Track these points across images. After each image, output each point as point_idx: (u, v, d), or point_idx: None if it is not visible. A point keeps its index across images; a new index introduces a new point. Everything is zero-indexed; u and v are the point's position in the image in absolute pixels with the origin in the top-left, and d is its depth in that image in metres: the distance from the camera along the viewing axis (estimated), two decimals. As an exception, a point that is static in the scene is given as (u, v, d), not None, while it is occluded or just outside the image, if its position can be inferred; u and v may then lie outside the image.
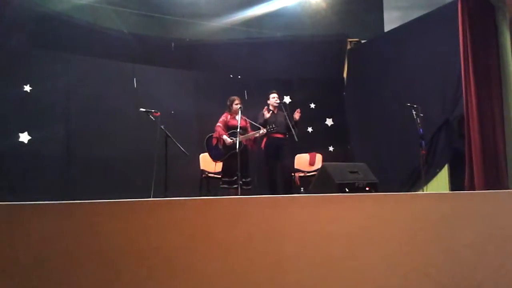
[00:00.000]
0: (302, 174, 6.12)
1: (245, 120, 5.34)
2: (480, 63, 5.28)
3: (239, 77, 6.99)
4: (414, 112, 5.10)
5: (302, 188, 5.96)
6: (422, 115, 5.12)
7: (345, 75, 7.45)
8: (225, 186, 5.13)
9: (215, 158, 5.33)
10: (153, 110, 5.03)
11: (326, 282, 2.00)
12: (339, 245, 2.08)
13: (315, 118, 7.08)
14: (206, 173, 5.65)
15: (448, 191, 5.38)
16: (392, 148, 6.20)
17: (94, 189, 5.32)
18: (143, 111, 5.03)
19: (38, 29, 5.67)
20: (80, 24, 6.12)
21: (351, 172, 4.02)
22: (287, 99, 6.92)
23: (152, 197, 4.80)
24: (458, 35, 5.37)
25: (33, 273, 1.54)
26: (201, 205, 1.90)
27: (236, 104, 5.28)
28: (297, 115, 5.34)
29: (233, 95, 5.44)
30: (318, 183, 4.04)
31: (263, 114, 5.36)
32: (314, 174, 5.34)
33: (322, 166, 4.22)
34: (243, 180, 5.01)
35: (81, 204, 1.67)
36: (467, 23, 5.32)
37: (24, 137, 5.32)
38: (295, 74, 7.14)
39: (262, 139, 5.44)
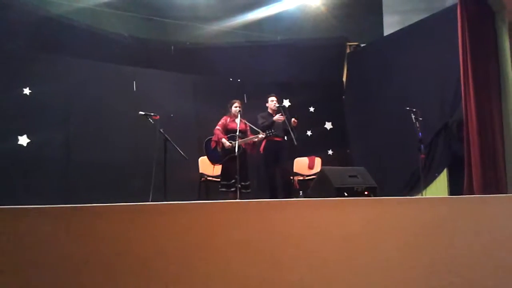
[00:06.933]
0: (301, 178, 6.13)
1: (245, 124, 5.33)
2: (479, 67, 5.29)
3: (239, 80, 7.01)
4: (413, 116, 5.10)
5: (301, 191, 5.95)
6: (421, 119, 5.12)
7: (344, 78, 7.46)
8: (224, 189, 5.11)
9: (213, 161, 5.31)
10: (152, 114, 5.02)
11: (325, 286, 2.00)
12: (338, 249, 2.08)
13: (315, 121, 7.08)
14: (205, 176, 5.64)
15: (447, 195, 5.38)
16: (391, 152, 6.20)
17: (93, 193, 5.31)
18: (143, 114, 5.03)
19: (38, 32, 5.68)
20: (80, 27, 6.12)
21: (350, 176, 4.01)
22: (286, 103, 6.91)
23: (151, 201, 4.79)
24: (457, 39, 5.38)
25: (32, 276, 1.54)
26: (200, 209, 1.90)
27: (236, 107, 5.29)
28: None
29: (232, 99, 5.44)
30: (317, 187, 4.03)
31: (263, 120, 5.37)
32: (313, 178, 5.33)
33: (321, 170, 4.22)
34: (242, 183, 4.98)
35: (80, 207, 1.67)
36: (467, 27, 5.34)
37: (23, 140, 5.31)
38: (295, 77, 7.15)
39: (261, 143, 5.43)
